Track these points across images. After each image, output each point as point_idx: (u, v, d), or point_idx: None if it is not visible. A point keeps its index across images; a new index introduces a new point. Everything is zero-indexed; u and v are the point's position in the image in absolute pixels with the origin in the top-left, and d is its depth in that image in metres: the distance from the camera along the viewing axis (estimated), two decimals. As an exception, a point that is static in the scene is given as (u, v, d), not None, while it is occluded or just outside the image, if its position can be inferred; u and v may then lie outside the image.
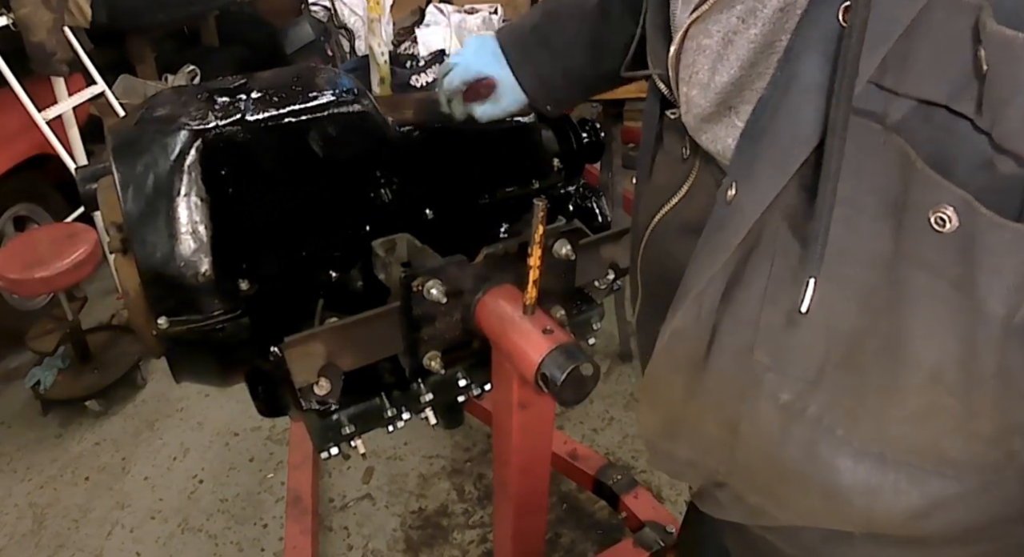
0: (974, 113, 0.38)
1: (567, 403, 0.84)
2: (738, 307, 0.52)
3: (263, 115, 0.98)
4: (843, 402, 0.50)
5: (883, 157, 0.41)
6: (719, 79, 0.52)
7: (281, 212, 1.01)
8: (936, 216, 0.39)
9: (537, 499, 1.12)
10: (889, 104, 0.41)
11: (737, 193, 0.46)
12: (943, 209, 0.39)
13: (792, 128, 0.42)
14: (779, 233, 0.48)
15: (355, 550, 1.88)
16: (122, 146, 0.94)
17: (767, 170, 0.44)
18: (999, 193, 0.38)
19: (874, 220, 0.43)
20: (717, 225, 0.50)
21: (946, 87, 0.38)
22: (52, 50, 2.33)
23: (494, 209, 1.17)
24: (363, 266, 1.10)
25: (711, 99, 0.54)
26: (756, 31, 0.48)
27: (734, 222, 0.47)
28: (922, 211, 0.40)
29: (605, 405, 2.30)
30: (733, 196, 0.47)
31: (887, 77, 0.41)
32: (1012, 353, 0.43)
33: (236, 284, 0.96)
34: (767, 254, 0.49)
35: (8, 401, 2.45)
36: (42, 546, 1.93)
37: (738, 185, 0.47)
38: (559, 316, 1.03)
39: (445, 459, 2.14)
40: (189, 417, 2.35)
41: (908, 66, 0.39)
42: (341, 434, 1.03)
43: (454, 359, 1.04)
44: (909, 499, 0.52)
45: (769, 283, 0.49)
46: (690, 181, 0.61)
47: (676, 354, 0.59)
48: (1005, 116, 0.37)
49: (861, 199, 0.43)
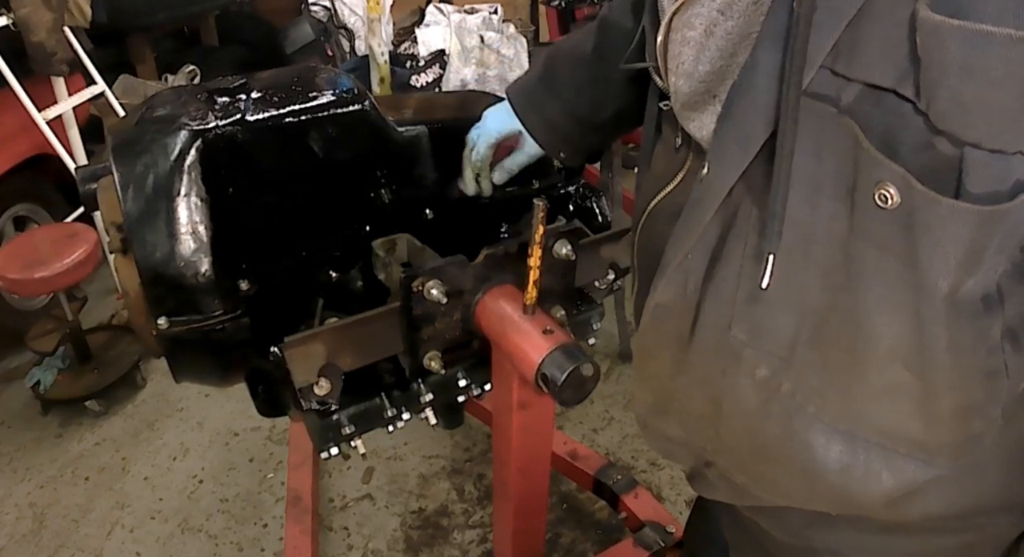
0: (914, 96, 0.40)
1: (567, 403, 0.84)
2: (719, 283, 0.55)
3: (263, 115, 0.98)
4: (812, 379, 0.53)
5: (837, 138, 0.44)
6: (702, 68, 0.55)
7: (281, 212, 1.01)
8: (880, 193, 0.42)
9: (537, 499, 1.12)
10: (841, 89, 0.43)
11: (708, 171, 0.50)
12: (886, 186, 0.41)
13: (753, 111, 0.45)
14: (752, 212, 0.51)
15: (355, 550, 1.88)
16: (122, 146, 0.94)
17: (732, 149, 0.47)
18: (939, 172, 0.40)
19: (832, 199, 0.46)
20: (692, 202, 0.53)
21: (892, 72, 0.40)
22: (52, 50, 2.33)
23: (494, 209, 1.17)
24: (363, 266, 1.10)
25: (695, 87, 0.56)
26: (733, 23, 0.51)
27: (705, 198, 0.51)
28: (869, 188, 0.42)
29: (605, 405, 2.30)
30: (704, 174, 0.51)
31: (839, 62, 0.43)
32: (959, 328, 0.45)
33: (236, 284, 0.96)
34: (742, 232, 0.52)
35: (8, 401, 2.45)
36: (42, 546, 1.93)
37: (709, 162, 0.50)
38: (559, 316, 1.03)
39: (445, 459, 2.14)
40: (189, 417, 2.35)
41: (858, 52, 0.41)
42: (341, 434, 1.03)
43: (454, 359, 1.04)
44: (881, 481, 0.54)
45: (743, 261, 0.52)
46: (684, 169, 0.64)
47: (662, 329, 0.62)
48: (937, 97, 0.39)
49: (820, 179, 0.46)
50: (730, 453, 0.65)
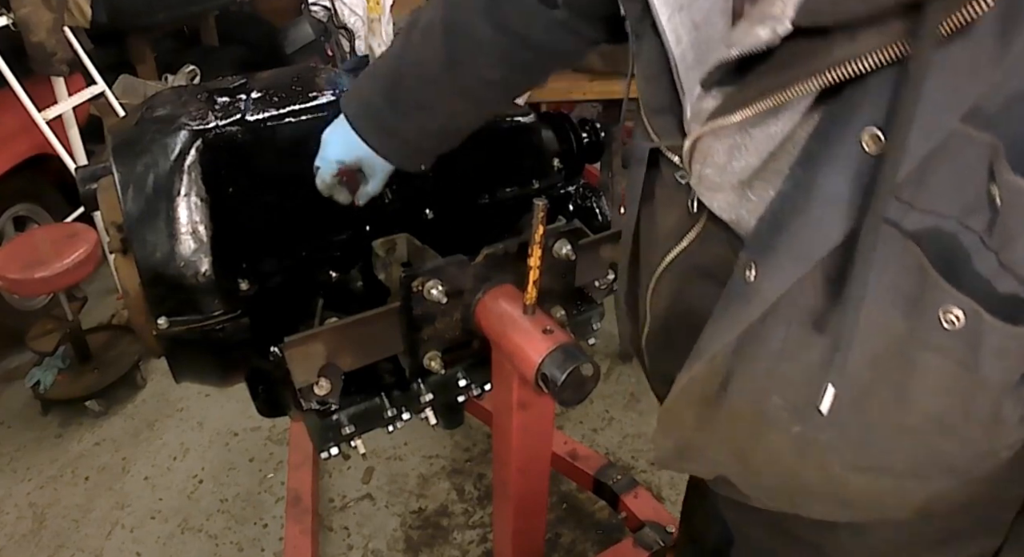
0: (984, 232, 0.42)
1: (567, 403, 0.84)
2: (752, 360, 0.55)
3: (263, 115, 0.98)
4: (852, 434, 0.54)
5: (899, 260, 0.45)
6: (736, 164, 0.52)
7: (281, 212, 1.01)
8: (946, 316, 0.44)
9: (537, 499, 1.12)
10: (905, 214, 0.44)
11: (758, 276, 0.49)
12: (952, 310, 0.44)
13: (814, 231, 0.45)
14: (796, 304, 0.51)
15: (355, 550, 1.88)
16: (122, 146, 0.94)
17: (788, 263, 0.47)
18: (1006, 303, 0.44)
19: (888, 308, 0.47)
20: (735, 299, 0.52)
21: (959, 206, 0.43)
22: (52, 50, 2.33)
23: (494, 209, 1.17)
24: (363, 266, 1.10)
25: (726, 179, 0.54)
26: (777, 129, 0.48)
27: (753, 303, 0.50)
28: (932, 309, 0.44)
29: (605, 405, 2.30)
30: (753, 278, 0.50)
31: (905, 192, 0.44)
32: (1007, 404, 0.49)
33: (236, 284, 0.96)
34: (783, 319, 0.52)
35: (8, 401, 2.45)
36: (42, 546, 1.93)
37: (758, 269, 0.49)
38: (559, 316, 1.03)
39: (445, 459, 2.14)
40: (189, 417, 2.35)
41: (925, 184, 0.43)
42: (341, 434, 1.03)
43: (454, 359, 1.04)
44: (915, 496, 0.58)
45: (784, 344, 0.53)
46: (697, 229, 0.62)
47: (690, 393, 0.62)
48: (1013, 247, 0.42)
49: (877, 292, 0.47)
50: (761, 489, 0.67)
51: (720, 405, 0.60)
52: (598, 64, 2.63)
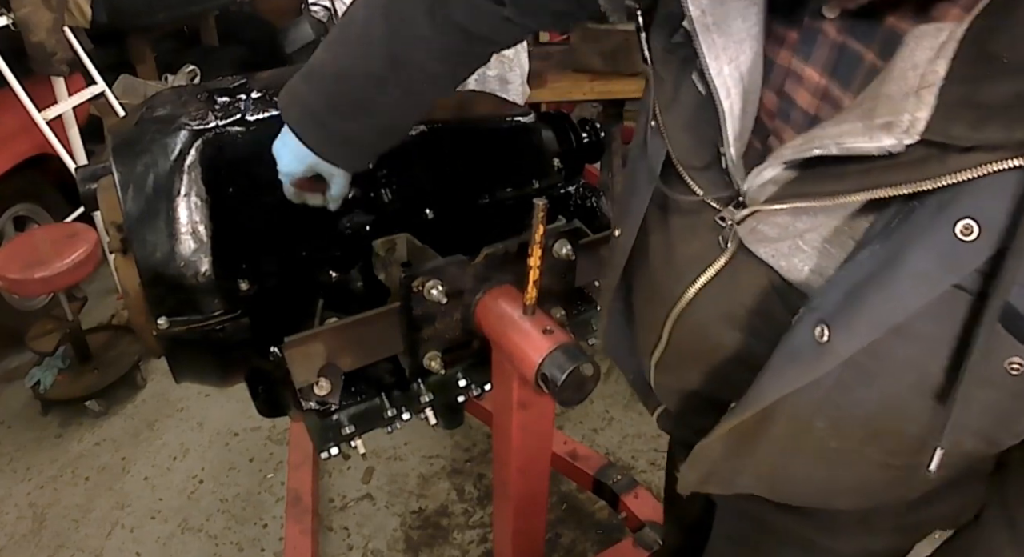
0: None
1: (567, 403, 0.84)
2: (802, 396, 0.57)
3: (263, 115, 0.98)
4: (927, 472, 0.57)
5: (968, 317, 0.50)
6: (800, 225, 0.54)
7: (281, 212, 1.01)
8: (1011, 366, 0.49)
9: (537, 499, 1.12)
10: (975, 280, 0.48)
11: (831, 338, 0.51)
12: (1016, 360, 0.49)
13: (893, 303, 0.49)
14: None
15: (355, 550, 1.88)
16: (122, 146, 0.94)
17: (866, 329, 0.50)
18: None
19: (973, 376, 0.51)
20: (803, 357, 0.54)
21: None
22: (52, 50, 2.33)
23: (494, 209, 1.17)
24: (363, 266, 1.10)
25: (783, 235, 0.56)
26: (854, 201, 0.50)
27: (824, 362, 0.53)
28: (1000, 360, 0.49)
29: (605, 405, 2.30)
30: (827, 339, 0.52)
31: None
32: None
33: (236, 284, 0.96)
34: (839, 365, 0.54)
35: (8, 401, 2.45)
36: (42, 546, 1.94)
37: (832, 331, 0.51)
38: (559, 316, 1.03)
39: (445, 459, 2.14)
40: (189, 417, 2.35)
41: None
42: (341, 434, 1.03)
43: (454, 359, 1.04)
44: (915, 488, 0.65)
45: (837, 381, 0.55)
46: (725, 258, 0.62)
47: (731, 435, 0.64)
48: None
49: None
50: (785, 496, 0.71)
51: (759, 439, 0.63)
52: (598, 64, 2.63)
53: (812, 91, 0.54)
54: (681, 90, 0.61)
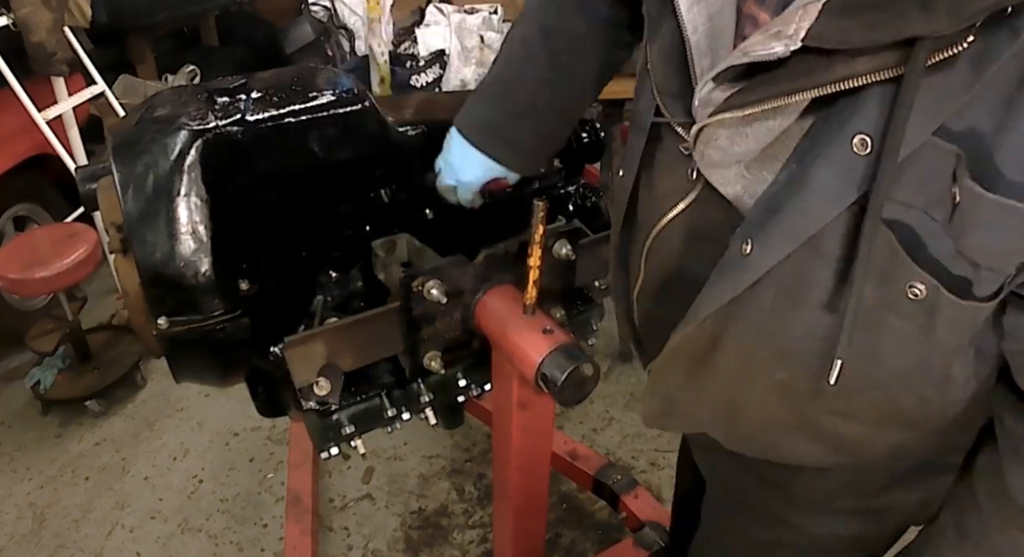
0: (944, 222, 0.51)
1: (567, 403, 0.84)
2: (741, 320, 0.63)
3: (263, 115, 0.98)
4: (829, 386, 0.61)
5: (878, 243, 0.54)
6: (736, 149, 0.60)
7: (281, 212, 1.01)
8: (911, 289, 0.54)
9: (537, 499, 1.12)
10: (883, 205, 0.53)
11: (753, 250, 0.57)
12: (916, 285, 0.53)
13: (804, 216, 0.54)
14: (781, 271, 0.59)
15: (355, 550, 1.88)
16: (122, 146, 0.94)
17: (781, 240, 0.56)
18: (956, 279, 0.53)
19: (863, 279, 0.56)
20: (731, 269, 0.60)
21: (924, 199, 0.51)
22: (52, 50, 2.33)
23: (494, 209, 1.17)
24: (363, 266, 1.10)
25: (726, 159, 0.62)
26: (774, 124, 0.56)
27: (747, 273, 0.59)
28: (901, 282, 0.54)
29: (605, 405, 2.31)
30: (749, 252, 0.58)
31: None
32: (956, 367, 0.60)
33: (236, 284, 0.97)
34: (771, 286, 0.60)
35: (8, 401, 2.45)
36: (42, 546, 1.94)
37: (754, 244, 0.57)
38: (559, 316, 1.04)
39: (445, 459, 2.14)
40: (189, 417, 2.35)
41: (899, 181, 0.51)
42: (341, 434, 1.03)
43: (454, 359, 1.04)
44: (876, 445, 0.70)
45: (771, 305, 0.61)
46: (694, 194, 0.68)
47: (681, 352, 0.69)
48: (967, 235, 0.51)
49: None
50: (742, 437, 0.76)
51: (709, 364, 0.68)
52: (598, 64, 2.62)
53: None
54: (663, 24, 0.67)
